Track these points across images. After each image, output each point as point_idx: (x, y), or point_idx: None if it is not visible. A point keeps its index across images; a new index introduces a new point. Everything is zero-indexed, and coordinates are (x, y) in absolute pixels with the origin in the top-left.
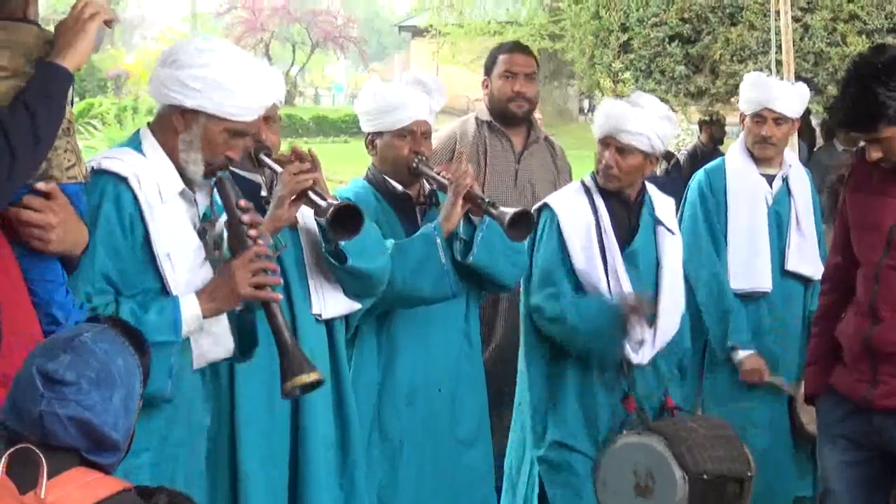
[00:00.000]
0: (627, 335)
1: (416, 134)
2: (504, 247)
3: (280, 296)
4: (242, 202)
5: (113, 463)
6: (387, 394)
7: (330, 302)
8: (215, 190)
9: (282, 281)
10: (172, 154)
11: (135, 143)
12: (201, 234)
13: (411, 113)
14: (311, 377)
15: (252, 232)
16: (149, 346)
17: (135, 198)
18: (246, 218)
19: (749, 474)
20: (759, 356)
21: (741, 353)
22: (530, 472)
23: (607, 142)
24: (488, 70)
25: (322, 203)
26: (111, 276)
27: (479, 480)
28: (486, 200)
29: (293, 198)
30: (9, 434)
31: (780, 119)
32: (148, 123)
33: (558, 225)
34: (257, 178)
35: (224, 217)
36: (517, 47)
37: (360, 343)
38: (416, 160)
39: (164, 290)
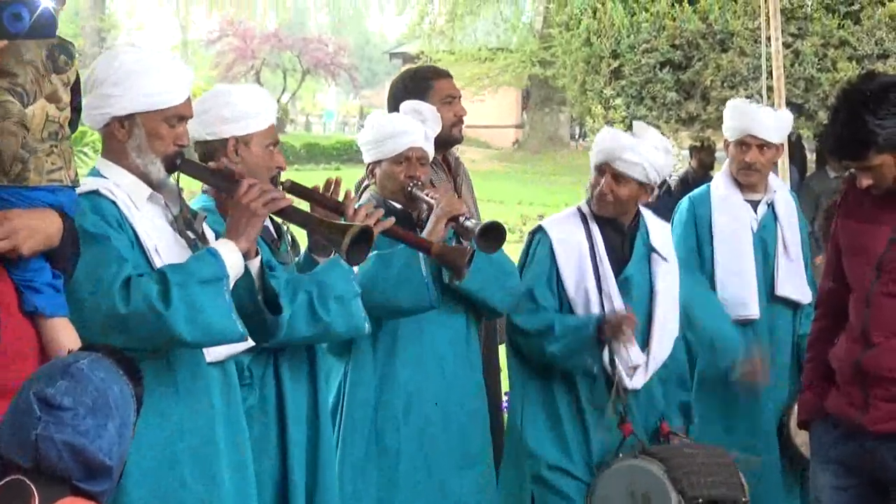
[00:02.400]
0: (611, 350)
1: (412, 160)
2: (496, 272)
3: (290, 200)
4: (212, 164)
5: (105, 490)
6: (384, 408)
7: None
8: (181, 176)
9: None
10: (130, 168)
11: (93, 172)
12: (182, 230)
13: (407, 140)
14: (354, 230)
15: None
16: (142, 375)
17: (113, 203)
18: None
19: (744, 499)
20: (754, 359)
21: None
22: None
23: (603, 169)
24: (422, 95)
25: (469, 224)
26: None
27: (483, 499)
28: (465, 217)
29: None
30: (2, 462)
31: (763, 145)
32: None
33: (551, 248)
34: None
35: (201, 213)
36: (444, 71)
37: (357, 357)
38: (410, 184)
39: None
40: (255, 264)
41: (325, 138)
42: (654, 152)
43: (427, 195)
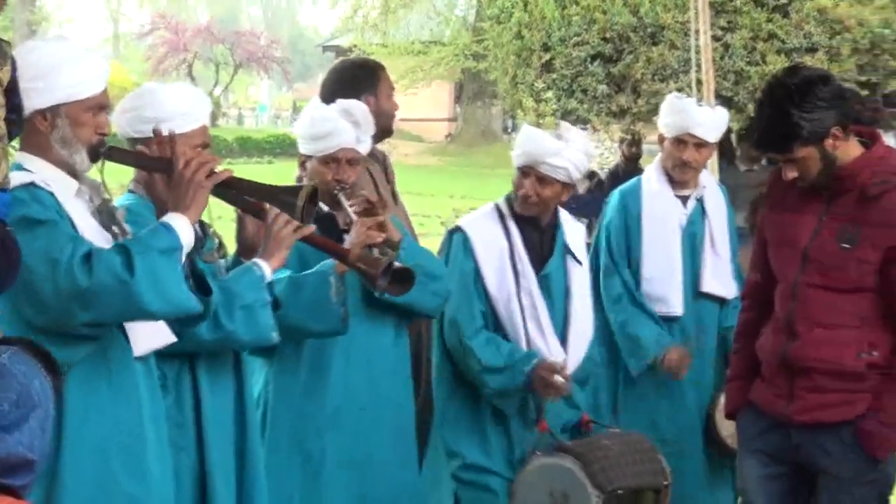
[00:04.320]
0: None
1: (341, 161)
2: (424, 278)
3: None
4: (139, 147)
5: (26, 485)
6: (310, 414)
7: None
8: (106, 163)
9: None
10: (54, 160)
11: (15, 167)
12: (107, 224)
13: (337, 141)
14: (383, 264)
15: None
16: (60, 367)
17: (51, 194)
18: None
19: (665, 483)
20: (678, 348)
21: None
22: (446, 490)
23: (527, 171)
24: (370, 88)
25: (381, 260)
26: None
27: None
28: (385, 253)
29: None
30: None
31: (700, 144)
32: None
33: (471, 247)
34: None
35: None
36: (379, 66)
37: (282, 363)
38: (337, 188)
39: None
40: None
41: (258, 132)
42: (578, 155)
43: (350, 206)
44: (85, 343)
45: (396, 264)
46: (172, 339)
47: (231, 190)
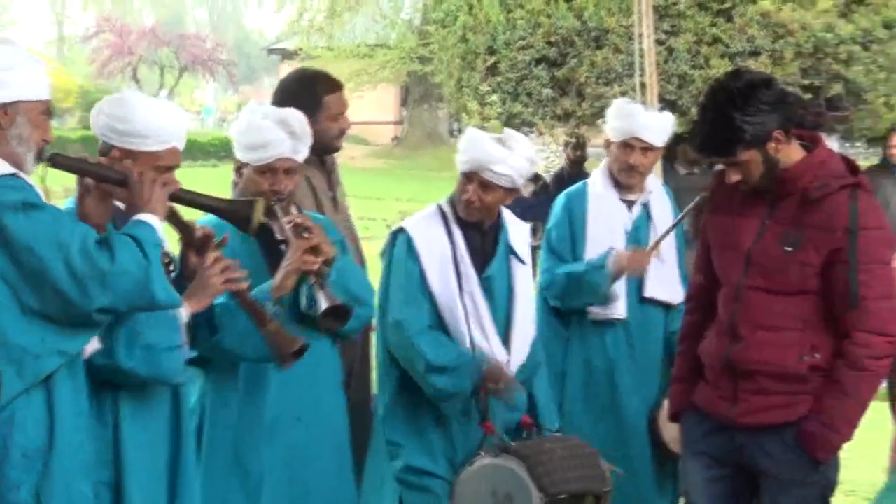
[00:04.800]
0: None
1: (278, 172)
2: (350, 301)
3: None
4: (86, 156)
5: None
6: (247, 428)
7: None
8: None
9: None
10: (6, 156)
11: None
12: None
13: (273, 152)
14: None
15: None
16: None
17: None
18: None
19: (606, 489)
20: (623, 252)
21: (613, 261)
22: (390, 493)
23: (471, 177)
24: (311, 109)
25: (297, 340)
26: None
27: None
28: (321, 280)
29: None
30: None
31: (647, 148)
32: None
33: (415, 249)
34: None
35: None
36: (336, 84)
37: (219, 377)
38: (273, 200)
39: None
40: None
41: (204, 135)
42: (522, 162)
43: (285, 222)
44: (88, 332)
45: (326, 303)
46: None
47: (184, 202)
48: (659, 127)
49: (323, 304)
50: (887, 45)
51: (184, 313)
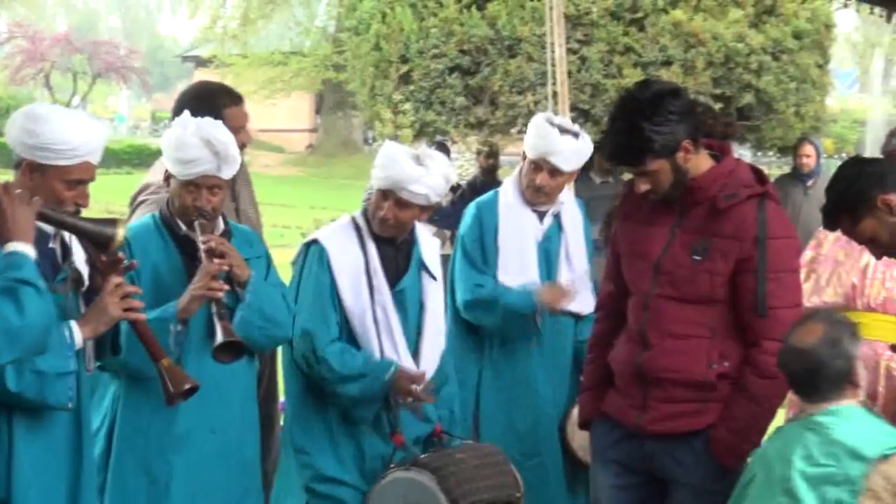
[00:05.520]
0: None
1: (201, 188)
2: (264, 323)
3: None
4: None
5: None
6: (156, 435)
7: None
8: None
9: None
10: None
11: None
12: None
13: (198, 169)
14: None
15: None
16: None
17: None
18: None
19: (518, 495)
20: (545, 287)
21: (534, 294)
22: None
23: (387, 195)
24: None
25: (187, 380)
26: None
27: None
28: (221, 310)
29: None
30: None
31: (555, 171)
32: None
33: (328, 261)
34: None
35: None
36: (236, 96)
37: (132, 383)
38: (195, 216)
39: None
40: None
41: (117, 142)
42: (438, 180)
43: (202, 242)
44: None
45: (221, 336)
46: None
47: (49, 221)
48: (571, 153)
49: (218, 338)
50: (797, 56)
51: (78, 338)
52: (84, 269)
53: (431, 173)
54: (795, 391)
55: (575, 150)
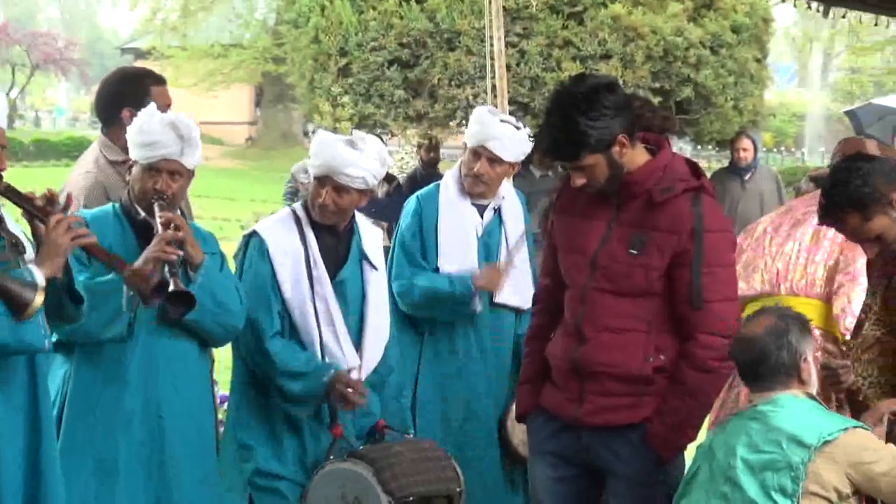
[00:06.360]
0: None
1: (162, 172)
2: (215, 307)
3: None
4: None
5: None
6: (102, 415)
7: None
8: None
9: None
10: None
11: None
12: None
13: (160, 152)
14: (154, 281)
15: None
16: None
17: None
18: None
19: (458, 489)
20: (487, 266)
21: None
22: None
23: (324, 181)
24: (140, 102)
25: (152, 279)
26: None
27: None
28: (174, 269)
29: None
30: None
31: (493, 159)
32: None
33: (268, 252)
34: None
35: None
36: (162, 79)
37: (82, 365)
38: (154, 197)
39: None
40: None
41: (56, 134)
42: (374, 163)
43: (159, 217)
44: None
45: (173, 287)
46: None
47: None
48: (510, 141)
49: (170, 288)
50: (736, 50)
51: (39, 277)
52: (19, 233)
53: (366, 156)
54: (743, 379)
55: (514, 139)
